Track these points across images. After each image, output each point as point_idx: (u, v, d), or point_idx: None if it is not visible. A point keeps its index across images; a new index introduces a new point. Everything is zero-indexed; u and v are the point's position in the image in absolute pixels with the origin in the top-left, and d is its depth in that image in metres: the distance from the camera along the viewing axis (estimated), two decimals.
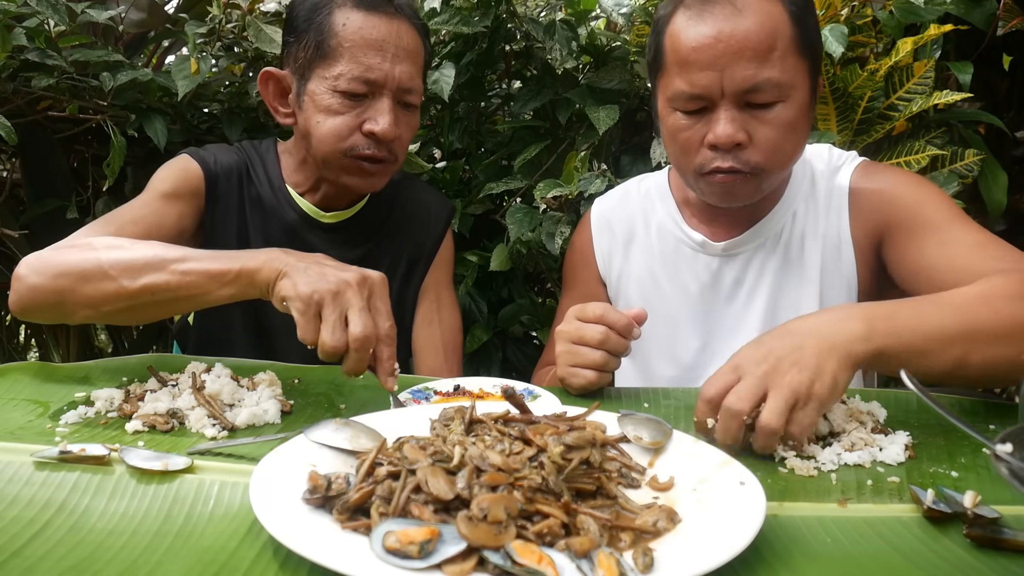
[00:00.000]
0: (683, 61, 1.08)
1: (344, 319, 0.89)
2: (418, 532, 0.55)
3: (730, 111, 1.07)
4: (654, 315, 1.24)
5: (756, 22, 1.05)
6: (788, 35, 1.07)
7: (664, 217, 1.31)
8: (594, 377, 1.01)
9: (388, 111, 1.21)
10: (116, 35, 1.95)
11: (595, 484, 0.66)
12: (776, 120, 1.08)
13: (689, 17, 1.09)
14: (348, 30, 1.19)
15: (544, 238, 1.57)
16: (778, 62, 1.06)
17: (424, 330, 1.42)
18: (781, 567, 0.59)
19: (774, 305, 1.21)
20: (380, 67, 1.19)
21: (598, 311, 1.01)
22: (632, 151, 1.75)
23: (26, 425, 0.86)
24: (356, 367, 0.90)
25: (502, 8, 1.71)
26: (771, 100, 1.07)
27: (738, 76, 1.05)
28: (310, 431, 0.73)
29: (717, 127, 1.08)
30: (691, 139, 1.11)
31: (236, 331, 1.33)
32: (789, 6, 1.08)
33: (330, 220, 1.35)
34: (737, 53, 1.05)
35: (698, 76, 1.07)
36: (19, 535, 0.61)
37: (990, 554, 0.61)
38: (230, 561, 0.58)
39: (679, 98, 1.10)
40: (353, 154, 1.22)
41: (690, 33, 1.08)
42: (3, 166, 2.03)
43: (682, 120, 1.11)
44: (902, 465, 0.79)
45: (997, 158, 1.55)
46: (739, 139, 1.07)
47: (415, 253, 1.43)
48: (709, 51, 1.06)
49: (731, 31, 1.05)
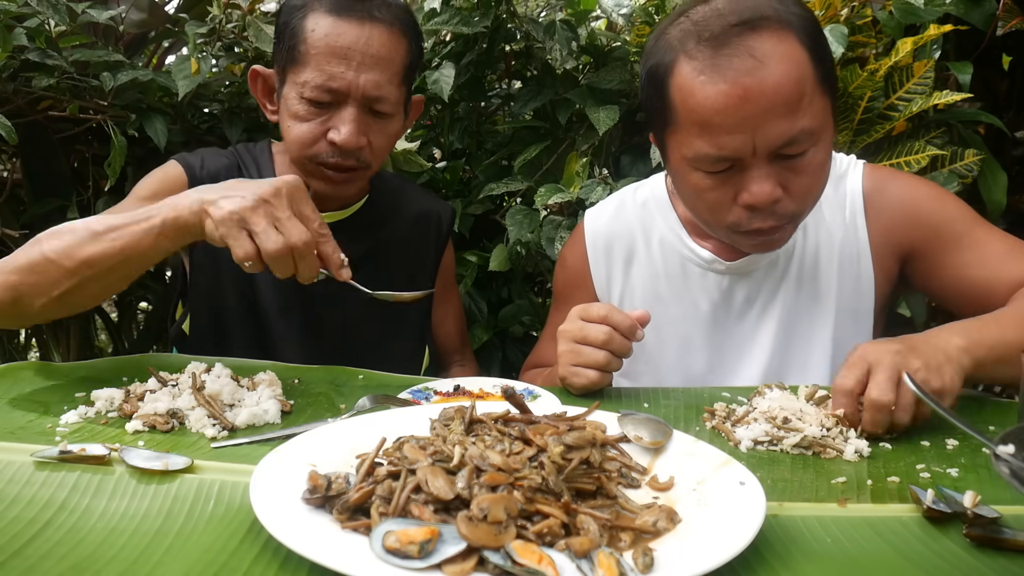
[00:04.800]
0: (704, 123, 0.98)
1: (275, 228, 0.91)
2: (418, 532, 0.55)
3: (763, 168, 0.99)
4: (663, 335, 1.23)
5: (781, 71, 0.95)
6: (811, 75, 0.98)
7: (666, 232, 1.25)
8: (596, 377, 1.00)
9: (350, 121, 1.19)
10: (116, 35, 1.95)
11: (595, 484, 0.66)
12: (809, 166, 1.01)
13: (701, 71, 0.98)
14: (315, 36, 1.17)
15: (544, 242, 1.57)
16: (808, 109, 0.98)
17: (440, 328, 1.54)
18: (781, 567, 0.59)
19: (788, 321, 1.19)
20: (343, 76, 1.17)
21: (602, 311, 1.01)
22: (632, 151, 1.75)
23: (26, 425, 0.85)
24: (309, 271, 0.94)
25: (502, 8, 1.71)
26: (804, 150, 1.00)
27: (771, 134, 0.96)
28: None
29: (752, 187, 1.00)
30: (721, 199, 1.04)
31: (234, 335, 1.33)
32: (805, 40, 0.99)
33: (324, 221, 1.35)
34: (768, 111, 0.95)
35: (726, 139, 0.98)
36: (19, 535, 0.61)
37: (990, 554, 0.61)
38: (230, 561, 0.58)
39: (703, 160, 1.01)
40: (318, 161, 1.22)
41: (708, 92, 0.97)
42: (3, 166, 2.03)
43: (707, 180, 1.03)
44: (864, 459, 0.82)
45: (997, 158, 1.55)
46: (777, 196, 1.00)
47: (418, 259, 1.44)
48: (736, 112, 0.96)
49: (758, 86, 0.95)
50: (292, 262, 0.92)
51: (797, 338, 1.19)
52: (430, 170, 1.84)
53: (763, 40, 0.96)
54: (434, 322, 1.52)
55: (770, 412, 0.88)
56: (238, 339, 1.33)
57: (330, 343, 1.35)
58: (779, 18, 0.98)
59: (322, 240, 0.95)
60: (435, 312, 1.51)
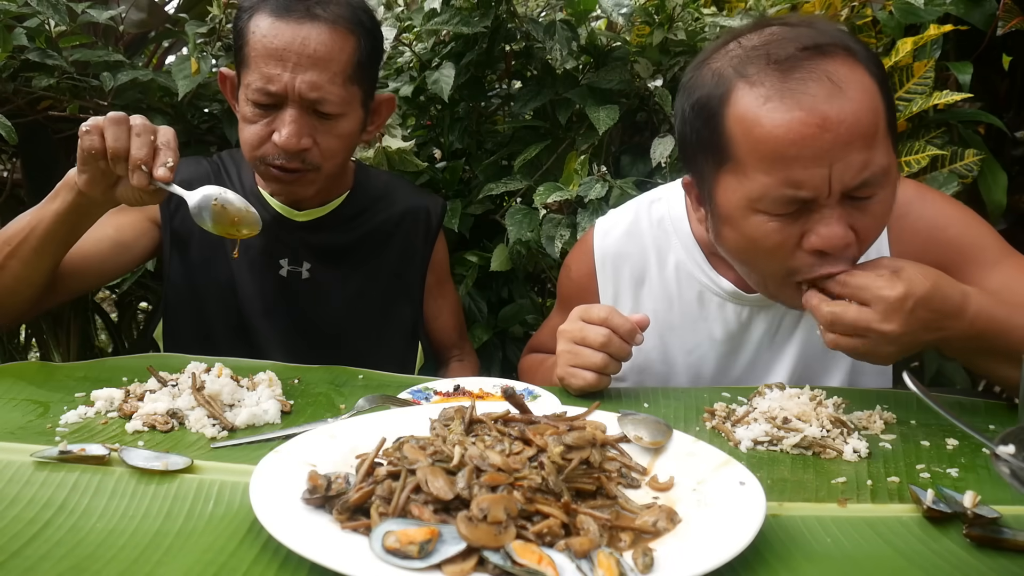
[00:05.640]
0: (776, 156, 0.87)
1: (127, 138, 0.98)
2: (418, 532, 0.55)
3: (835, 208, 0.89)
4: (674, 363, 1.19)
5: (859, 100, 0.86)
6: (883, 111, 0.89)
7: (683, 257, 1.17)
8: (593, 379, 1.00)
9: (290, 123, 1.17)
10: (116, 35, 1.95)
11: (595, 484, 0.66)
12: (877, 210, 0.91)
13: (769, 97, 0.87)
14: (255, 38, 1.17)
15: (544, 241, 1.57)
16: (882, 145, 0.89)
17: (435, 323, 1.52)
18: (781, 567, 0.59)
19: (805, 355, 1.14)
20: (279, 78, 1.16)
21: (603, 313, 1.00)
22: (632, 151, 1.75)
23: (26, 425, 0.86)
24: (143, 150, 0.98)
25: (502, 8, 1.71)
26: (875, 191, 0.90)
27: (851, 170, 0.86)
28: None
29: (823, 229, 0.89)
30: (784, 243, 0.92)
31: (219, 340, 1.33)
32: (875, 71, 0.90)
33: (303, 218, 1.35)
34: (848, 144, 0.85)
35: (802, 175, 0.87)
36: (19, 535, 0.61)
37: (990, 554, 0.62)
38: (230, 561, 0.58)
39: (770, 201, 0.90)
40: (267, 163, 1.22)
41: (779, 120, 0.86)
42: (3, 166, 2.03)
43: (771, 223, 0.91)
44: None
45: (997, 158, 1.55)
46: (850, 240, 0.90)
47: (406, 253, 1.44)
48: (815, 143, 0.85)
49: (838, 115, 0.85)
50: (127, 133, 0.97)
51: (814, 372, 1.14)
52: (430, 170, 1.84)
53: (838, 66, 0.87)
54: (428, 317, 1.50)
55: (770, 412, 0.88)
56: (223, 343, 1.33)
57: (316, 340, 1.35)
58: (847, 47, 0.90)
59: (161, 143, 1.00)
60: (428, 307, 1.49)
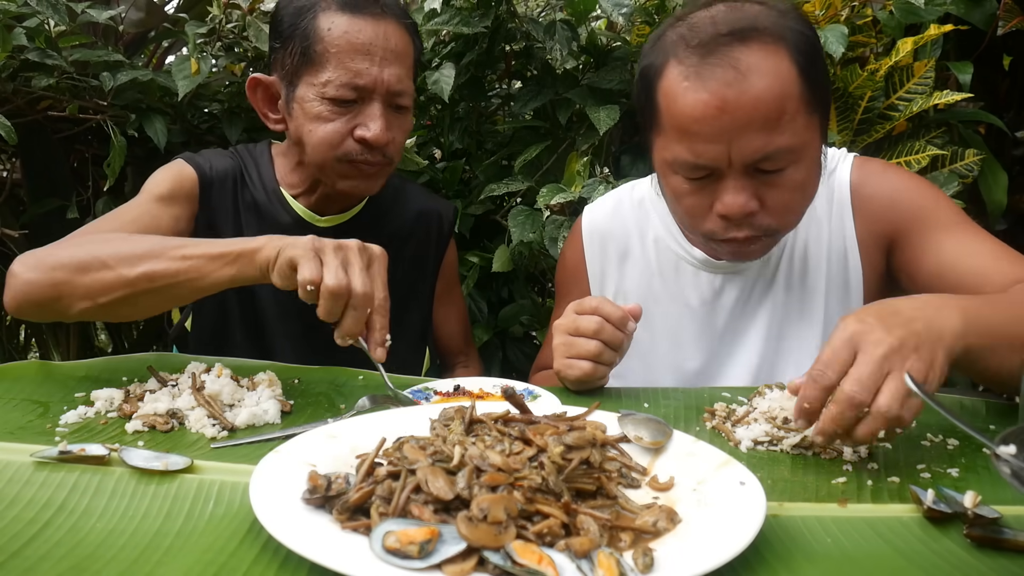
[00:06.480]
0: (683, 129, 1.00)
1: (344, 271, 0.91)
2: (418, 532, 0.55)
3: (739, 180, 1.00)
4: (655, 333, 1.24)
5: (764, 86, 0.95)
6: (797, 95, 0.97)
7: (661, 230, 1.26)
8: (589, 368, 1.00)
9: (379, 116, 1.19)
10: (116, 35, 1.96)
11: (595, 484, 0.66)
12: (788, 183, 1.01)
13: (686, 76, 0.98)
14: (333, 35, 1.17)
15: (547, 242, 1.57)
16: (788, 127, 0.97)
17: (443, 329, 1.53)
18: (781, 567, 0.59)
19: (779, 319, 1.19)
20: (368, 72, 1.17)
21: (594, 303, 1.02)
22: (632, 151, 1.75)
23: (26, 425, 0.85)
24: (353, 327, 0.92)
25: (502, 8, 1.71)
26: (782, 166, 0.99)
27: (747, 148, 0.97)
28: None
29: (726, 197, 1.00)
30: (698, 205, 1.05)
31: (233, 334, 1.33)
32: (796, 57, 0.98)
33: (325, 224, 1.34)
34: (745, 125, 0.96)
35: (702, 148, 0.99)
36: (19, 535, 0.61)
37: (990, 554, 0.61)
38: (230, 561, 0.58)
39: (681, 166, 1.03)
40: (347, 159, 1.22)
41: (689, 99, 0.98)
42: (3, 166, 2.03)
43: (685, 185, 1.04)
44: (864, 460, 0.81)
45: (997, 158, 1.56)
46: (751, 208, 1.00)
47: (419, 258, 1.43)
48: (713, 122, 0.96)
49: (736, 99, 0.95)
50: (343, 306, 0.91)
51: (788, 336, 1.19)
52: (430, 170, 1.84)
53: (750, 53, 0.96)
54: (436, 322, 1.51)
55: (770, 412, 0.88)
56: (238, 339, 1.33)
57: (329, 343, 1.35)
58: (773, 32, 0.97)
59: (378, 311, 0.94)
60: (437, 312, 1.50)
